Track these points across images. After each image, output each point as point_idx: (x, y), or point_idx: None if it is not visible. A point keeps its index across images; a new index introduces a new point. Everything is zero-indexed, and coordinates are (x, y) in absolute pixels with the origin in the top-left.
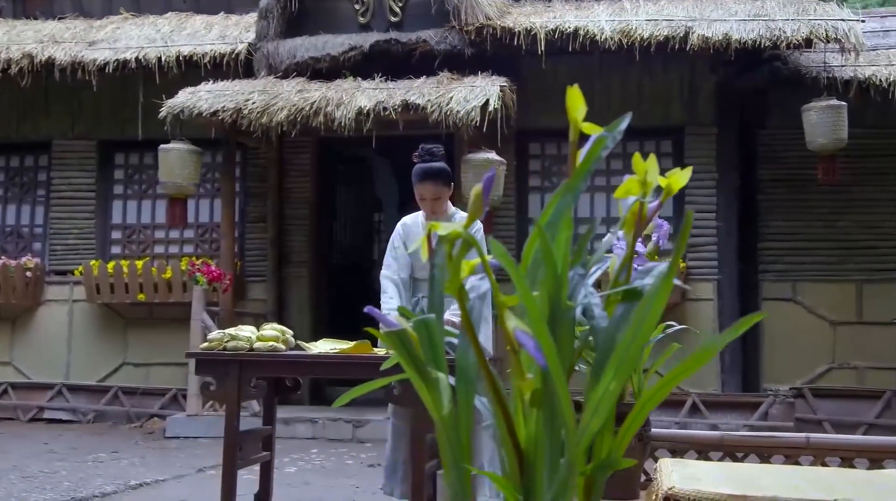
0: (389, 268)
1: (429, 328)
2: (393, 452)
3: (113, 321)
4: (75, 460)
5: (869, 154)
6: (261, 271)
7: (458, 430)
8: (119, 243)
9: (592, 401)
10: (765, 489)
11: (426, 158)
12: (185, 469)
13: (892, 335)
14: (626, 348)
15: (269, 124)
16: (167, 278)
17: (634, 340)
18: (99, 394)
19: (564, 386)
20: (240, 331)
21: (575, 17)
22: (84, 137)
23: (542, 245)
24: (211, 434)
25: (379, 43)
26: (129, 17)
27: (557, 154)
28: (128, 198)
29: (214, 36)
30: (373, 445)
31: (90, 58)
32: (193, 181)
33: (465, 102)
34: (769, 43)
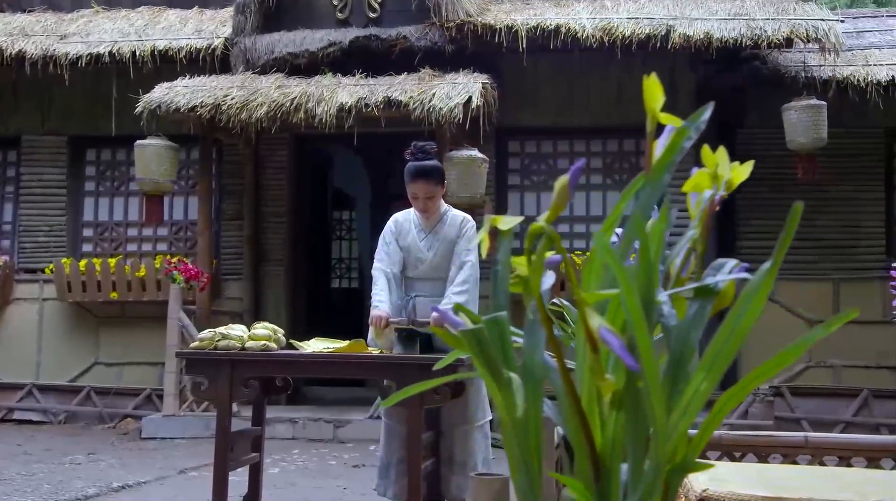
0: (382, 262)
1: (500, 326)
2: (386, 452)
3: (84, 320)
4: (52, 462)
5: (846, 154)
6: (237, 269)
7: (528, 432)
8: (91, 241)
9: (682, 402)
10: (797, 491)
11: (419, 156)
12: (167, 471)
13: (869, 334)
14: (719, 347)
15: (249, 120)
16: (141, 276)
17: (730, 339)
18: (70, 394)
19: (658, 387)
20: (231, 330)
21: (556, 15)
22: (55, 132)
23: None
24: (188, 435)
25: (359, 39)
26: (101, 10)
27: (537, 152)
28: (100, 195)
29: (190, 30)
30: (354, 445)
31: (62, 52)
32: (170, 178)
33: (448, 99)
34: (750, 42)
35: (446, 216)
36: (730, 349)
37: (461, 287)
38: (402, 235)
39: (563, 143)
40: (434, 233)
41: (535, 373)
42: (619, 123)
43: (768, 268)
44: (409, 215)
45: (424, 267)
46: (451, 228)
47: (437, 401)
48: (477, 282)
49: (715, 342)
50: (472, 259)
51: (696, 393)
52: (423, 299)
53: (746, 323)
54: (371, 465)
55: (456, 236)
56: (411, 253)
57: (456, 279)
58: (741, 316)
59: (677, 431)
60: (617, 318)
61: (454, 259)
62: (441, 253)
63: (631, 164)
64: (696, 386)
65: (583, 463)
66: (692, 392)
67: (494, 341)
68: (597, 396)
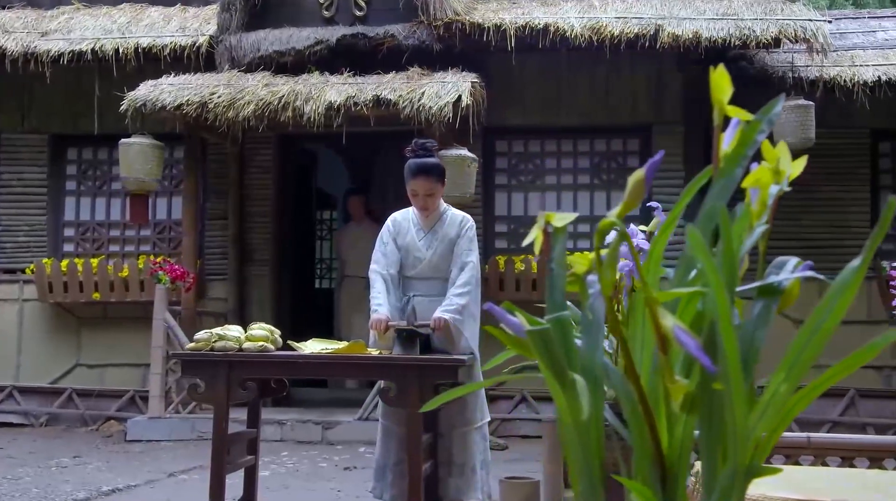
0: (378, 263)
1: (563, 326)
2: (383, 454)
3: (66, 321)
4: (37, 465)
5: (832, 154)
6: (221, 269)
7: (591, 436)
8: (72, 241)
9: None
10: (827, 493)
11: (420, 153)
12: (156, 474)
13: (854, 334)
14: (801, 347)
15: (236, 119)
16: (124, 276)
17: (811, 339)
18: (52, 396)
19: (742, 390)
20: (228, 331)
21: (544, 14)
22: (35, 130)
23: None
24: (174, 437)
25: (346, 37)
26: (82, 7)
27: (524, 152)
28: (81, 194)
29: (174, 28)
30: (344, 447)
31: (43, 49)
32: (156, 177)
33: (438, 98)
34: (739, 42)
35: (446, 215)
36: (812, 350)
37: (463, 288)
38: (401, 234)
39: (551, 142)
40: (433, 232)
41: (594, 374)
42: (606, 122)
43: (857, 266)
44: (408, 214)
45: (423, 266)
46: (450, 227)
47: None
48: (479, 283)
49: (796, 343)
50: (474, 260)
51: (776, 396)
52: (422, 298)
53: (831, 323)
54: (363, 467)
55: (456, 236)
56: (410, 252)
57: (457, 281)
58: (826, 315)
59: (754, 435)
60: (684, 317)
61: (454, 260)
62: (440, 252)
63: (619, 163)
64: (774, 388)
65: (643, 467)
66: (771, 395)
67: (558, 341)
68: (663, 398)
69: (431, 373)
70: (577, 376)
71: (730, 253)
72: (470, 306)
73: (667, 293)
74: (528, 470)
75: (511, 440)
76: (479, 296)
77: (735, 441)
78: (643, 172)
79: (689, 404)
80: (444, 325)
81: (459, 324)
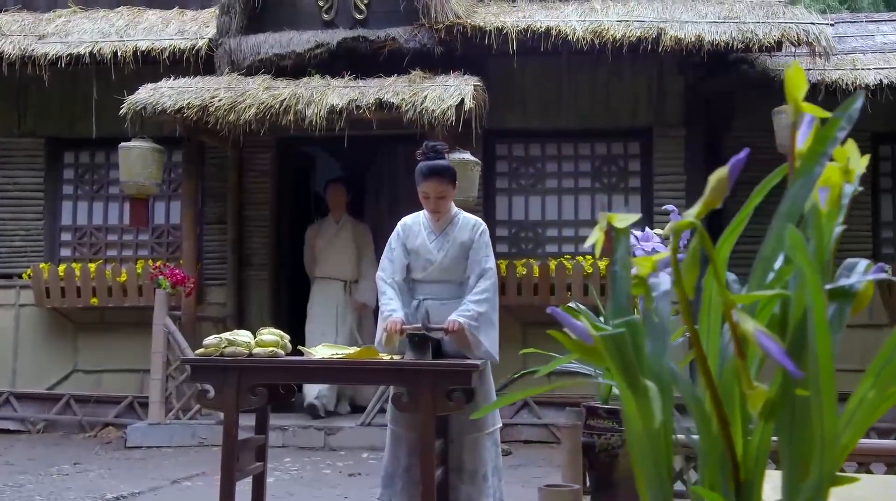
0: (385, 271)
1: (634, 330)
2: (392, 460)
3: (62, 327)
4: (38, 472)
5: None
6: (219, 274)
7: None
8: (69, 246)
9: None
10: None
11: (431, 156)
12: (159, 481)
13: (854, 337)
14: (890, 352)
15: (237, 122)
16: (122, 281)
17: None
18: (49, 403)
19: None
20: (237, 336)
21: (545, 17)
22: (31, 134)
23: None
24: (174, 444)
25: (346, 40)
26: (79, 10)
27: (525, 156)
28: (78, 198)
29: (172, 31)
30: (346, 453)
31: (41, 52)
32: (156, 181)
33: (440, 101)
34: (741, 45)
35: (457, 219)
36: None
37: (481, 295)
38: (411, 237)
39: (551, 146)
40: (444, 234)
41: (663, 380)
42: (607, 125)
43: None
44: (419, 218)
45: (433, 269)
46: (462, 230)
47: (452, 408)
48: (497, 290)
49: (885, 348)
50: (493, 266)
51: (863, 402)
52: (432, 302)
53: None
54: (367, 473)
55: (468, 240)
56: (420, 255)
57: (476, 288)
58: None
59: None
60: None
61: (472, 266)
62: (451, 255)
63: (619, 167)
64: (862, 395)
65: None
66: (858, 402)
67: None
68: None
69: (445, 378)
70: (649, 382)
71: (821, 254)
72: (488, 313)
73: (746, 296)
74: (532, 476)
75: (513, 445)
76: (497, 303)
77: (822, 449)
78: (727, 170)
79: (769, 410)
80: (459, 328)
81: (475, 330)
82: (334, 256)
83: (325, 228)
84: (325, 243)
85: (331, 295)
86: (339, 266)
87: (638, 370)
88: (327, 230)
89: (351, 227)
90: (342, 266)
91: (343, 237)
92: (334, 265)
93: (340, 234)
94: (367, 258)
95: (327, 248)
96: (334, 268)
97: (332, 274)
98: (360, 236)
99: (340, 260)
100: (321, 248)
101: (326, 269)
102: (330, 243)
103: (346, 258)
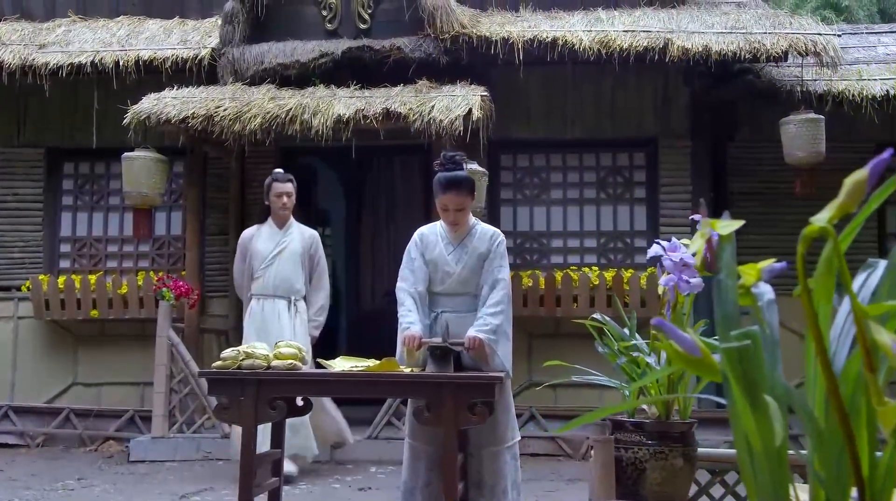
0: (406, 281)
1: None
2: (411, 476)
3: (62, 339)
4: (42, 488)
5: (839, 168)
6: (221, 285)
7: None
8: (68, 257)
9: None
10: None
11: (449, 167)
12: (167, 496)
13: None
14: None
15: (243, 132)
16: (123, 293)
17: None
18: (49, 416)
19: None
20: (255, 349)
21: (550, 27)
22: (31, 144)
23: None
24: (178, 458)
25: (351, 50)
26: (78, 19)
27: (529, 166)
28: (78, 209)
29: (175, 40)
30: (354, 467)
31: (41, 61)
32: (160, 191)
33: (448, 111)
34: (749, 55)
35: (475, 229)
36: None
37: (496, 308)
38: (429, 248)
39: (556, 156)
40: (462, 246)
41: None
42: (612, 136)
43: None
44: (436, 229)
45: (452, 281)
46: (480, 241)
47: (474, 422)
48: (510, 301)
49: None
50: (506, 277)
51: None
52: (450, 315)
53: None
54: (378, 488)
55: (486, 251)
56: (438, 267)
57: (489, 300)
58: None
59: None
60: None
61: (485, 277)
62: (470, 266)
63: (625, 178)
64: None
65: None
66: None
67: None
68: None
69: (467, 391)
70: (770, 398)
71: None
72: (504, 325)
73: (875, 306)
74: (544, 490)
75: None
76: (511, 314)
77: None
78: (865, 172)
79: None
80: (479, 345)
81: (494, 344)
82: (275, 270)
83: (264, 235)
84: (264, 254)
85: (271, 316)
86: (283, 282)
87: (760, 386)
88: (269, 238)
89: (299, 235)
90: (286, 281)
91: (291, 249)
92: (274, 282)
93: (284, 244)
94: (318, 272)
95: (272, 261)
96: (274, 285)
97: (274, 291)
98: (311, 245)
99: (285, 274)
100: (258, 259)
101: (263, 285)
102: (270, 253)
103: (292, 272)
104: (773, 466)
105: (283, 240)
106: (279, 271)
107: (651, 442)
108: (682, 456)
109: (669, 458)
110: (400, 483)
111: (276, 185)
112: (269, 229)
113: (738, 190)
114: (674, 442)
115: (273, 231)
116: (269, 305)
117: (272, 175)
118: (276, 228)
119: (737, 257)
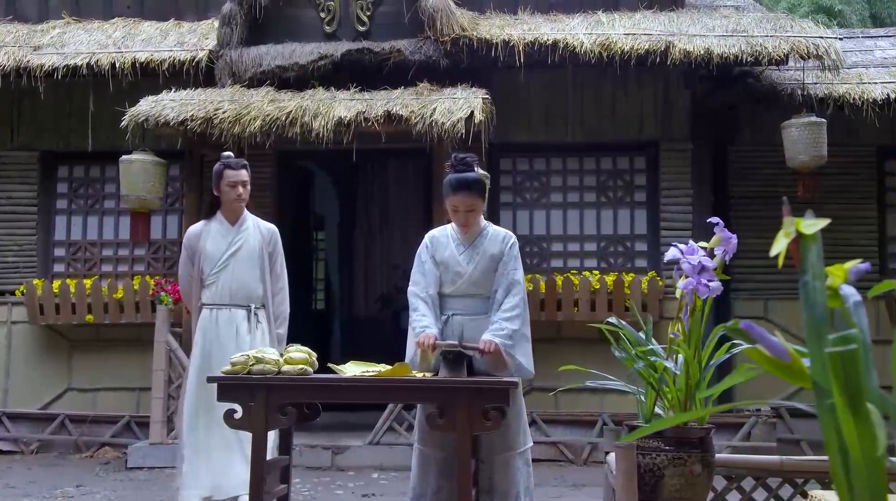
0: (417, 285)
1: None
2: (420, 483)
3: (56, 344)
4: (42, 495)
5: (840, 171)
6: None
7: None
8: (62, 261)
9: None
10: None
11: (459, 168)
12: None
13: None
14: None
15: (242, 134)
16: (118, 297)
17: None
18: (44, 422)
19: None
20: (265, 354)
21: (551, 30)
22: (25, 147)
23: None
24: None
25: (351, 52)
26: (73, 21)
27: (529, 170)
28: (72, 213)
29: (171, 42)
30: (355, 473)
31: (36, 63)
32: (158, 195)
33: (450, 114)
34: (750, 58)
35: (486, 231)
36: None
37: (512, 312)
38: (439, 250)
39: (556, 160)
40: (473, 247)
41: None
42: (613, 139)
43: None
44: (446, 230)
45: (463, 282)
46: (491, 243)
47: (488, 428)
48: (526, 304)
49: None
50: (521, 279)
51: None
52: (462, 317)
53: None
54: (381, 494)
55: (498, 253)
56: (449, 268)
57: (505, 304)
58: None
59: None
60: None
61: (499, 279)
62: (481, 268)
63: (625, 181)
64: None
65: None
66: None
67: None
68: None
69: (482, 396)
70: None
71: None
72: (521, 329)
73: None
74: (550, 496)
75: None
76: (528, 317)
77: None
78: None
79: None
80: (495, 349)
81: (510, 349)
82: (234, 273)
83: (214, 233)
84: (217, 256)
85: (227, 330)
86: (241, 287)
87: (863, 393)
88: (220, 237)
89: (256, 230)
90: (244, 286)
91: (248, 247)
92: (234, 286)
93: (242, 242)
94: (276, 272)
95: (223, 262)
96: (234, 290)
97: (231, 300)
98: (269, 242)
99: (243, 278)
100: (212, 262)
101: (221, 293)
102: (223, 254)
103: (250, 275)
104: (871, 475)
105: (238, 238)
106: (235, 275)
107: (669, 448)
108: (700, 462)
109: (688, 464)
110: (408, 489)
111: (229, 173)
112: (219, 226)
113: (740, 194)
114: (692, 448)
115: (224, 228)
116: (225, 316)
117: (222, 161)
118: (227, 224)
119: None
